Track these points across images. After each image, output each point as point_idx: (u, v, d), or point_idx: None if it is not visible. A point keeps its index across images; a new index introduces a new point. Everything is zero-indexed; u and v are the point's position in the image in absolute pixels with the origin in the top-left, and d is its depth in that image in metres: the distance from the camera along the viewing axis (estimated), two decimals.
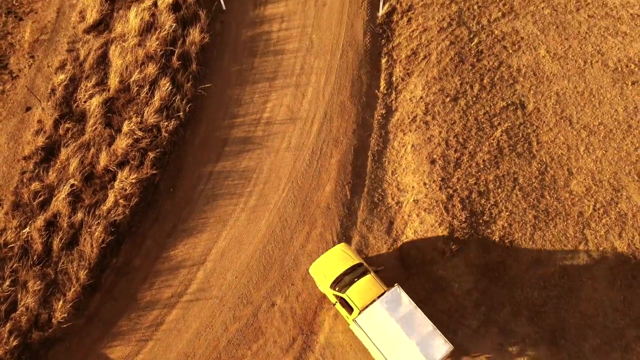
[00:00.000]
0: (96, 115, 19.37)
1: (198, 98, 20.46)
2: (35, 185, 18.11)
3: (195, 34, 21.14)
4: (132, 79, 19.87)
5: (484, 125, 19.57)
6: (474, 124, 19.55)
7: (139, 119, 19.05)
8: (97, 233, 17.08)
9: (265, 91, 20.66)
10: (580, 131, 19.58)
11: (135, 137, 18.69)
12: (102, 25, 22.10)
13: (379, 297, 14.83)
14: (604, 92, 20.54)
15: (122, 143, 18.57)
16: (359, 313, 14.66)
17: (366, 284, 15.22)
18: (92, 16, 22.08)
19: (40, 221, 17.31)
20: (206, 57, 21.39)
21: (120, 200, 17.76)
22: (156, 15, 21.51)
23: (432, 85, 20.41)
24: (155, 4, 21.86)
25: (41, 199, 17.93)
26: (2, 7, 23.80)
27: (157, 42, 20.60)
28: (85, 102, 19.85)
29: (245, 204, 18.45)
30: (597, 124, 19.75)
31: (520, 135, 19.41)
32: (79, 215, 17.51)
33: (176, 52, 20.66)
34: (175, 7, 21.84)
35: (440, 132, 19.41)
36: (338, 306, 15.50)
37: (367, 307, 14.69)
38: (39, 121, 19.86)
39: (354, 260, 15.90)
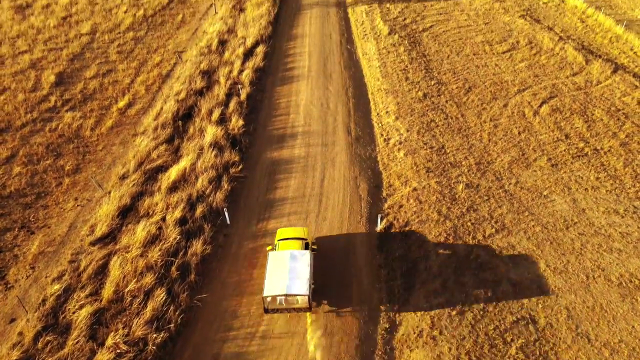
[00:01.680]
0: (81, 327, 18.21)
1: (193, 309, 19.60)
2: None
3: (197, 246, 21.61)
4: (128, 288, 19.41)
5: (496, 342, 18.17)
6: (485, 340, 18.18)
7: (125, 331, 17.83)
8: None
9: None
10: (601, 349, 18.05)
11: (118, 351, 17.16)
12: (109, 237, 22.81)
13: None
14: (614, 307, 19.74)
15: (102, 359, 16.94)
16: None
17: (293, 243, 20.53)
18: (101, 229, 22.98)
19: None
20: (206, 267, 21.40)
21: None
22: (163, 229, 22.40)
23: (436, 298, 19.78)
24: (163, 219, 23.02)
25: None
26: (18, 222, 25.03)
27: (159, 253, 20.89)
28: (73, 312, 18.94)
29: None
30: (618, 341, 18.36)
31: (538, 353, 17.84)
32: None
33: (176, 262, 20.76)
34: (182, 222, 22.94)
35: (450, 349, 17.89)
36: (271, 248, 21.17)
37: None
38: (20, 333, 18.59)
39: (303, 235, 21.10)
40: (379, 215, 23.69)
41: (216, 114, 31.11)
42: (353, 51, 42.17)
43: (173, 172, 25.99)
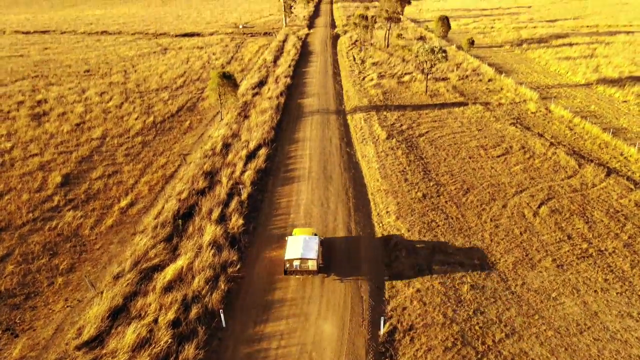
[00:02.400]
0: None
1: None
2: None
3: (189, 350, 20.26)
4: None
5: None
6: None
7: None
8: None
9: None
10: None
11: None
12: (96, 340, 21.51)
13: None
14: None
15: None
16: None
17: (306, 232, 28.19)
18: (89, 332, 21.76)
19: None
20: None
21: None
22: (154, 331, 21.20)
23: None
24: (155, 320, 21.90)
25: None
26: (3, 324, 23.80)
27: (147, 359, 19.51)
28: None
29: None
30: None
31: None
32: None
33: None
34: (175, 323, 21.79)
35: None
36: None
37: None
38: None
39: (313, 231, 28.43)
40: (382, 318, 22.59)
41: (216, 213, 31.22)
42: (352, 154, 43.65)
43: (169, 271, 25.34)
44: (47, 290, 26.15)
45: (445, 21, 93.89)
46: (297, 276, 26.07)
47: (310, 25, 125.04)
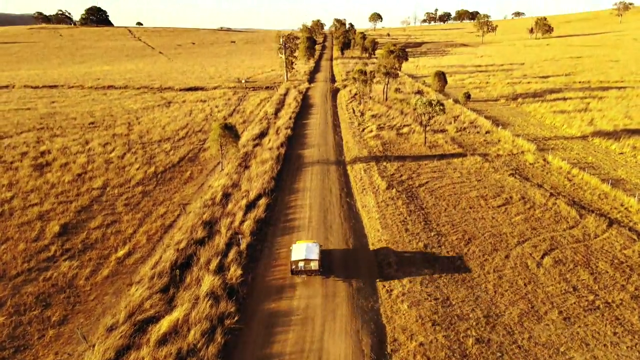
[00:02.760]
0: None
1: None
2: None
3: None
4: None
5: None
6: None
7: None
8: None
9: None
10: None
11: None
12: None
13: None
14: None
15: None
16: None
17: (306, 242, 31.97)
18: None
19: None
20: None
21: None
22: None
23: None
24: None
25: None
26: None
27: None
28: None
29: None
30: None
31: None
32: None
33: None
34: None
35: None
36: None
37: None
38: None
39: (314, 242, 32.54)
40: None
41: (214, 263, 30.73)
42: (353, 204, 43.60)
43: (164, 324, 24.59)
44: (38, 343, 25.27)
45: (441, 76, 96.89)
46: (302, 276, 30.41)
47: (311, 80, 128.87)
